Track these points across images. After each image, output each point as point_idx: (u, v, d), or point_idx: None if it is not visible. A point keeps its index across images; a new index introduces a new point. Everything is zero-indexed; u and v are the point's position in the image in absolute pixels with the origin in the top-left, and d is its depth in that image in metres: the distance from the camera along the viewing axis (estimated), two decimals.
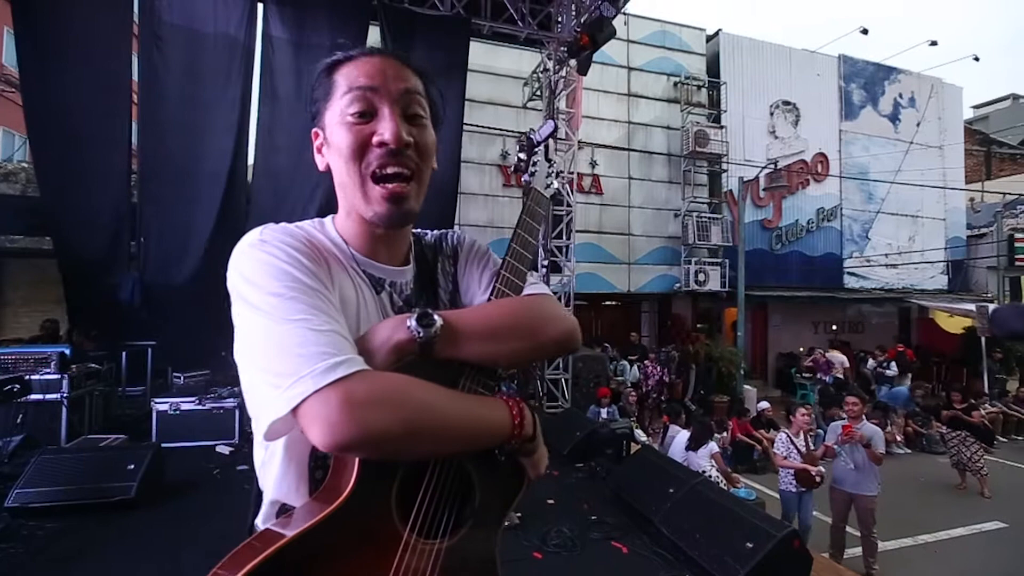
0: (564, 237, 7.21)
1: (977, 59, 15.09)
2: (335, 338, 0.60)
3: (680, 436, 5.01)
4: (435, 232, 0.94)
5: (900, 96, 13.51)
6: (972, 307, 10.28)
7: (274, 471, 0.69)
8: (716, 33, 11.85)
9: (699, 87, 11.49)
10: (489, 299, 0.80)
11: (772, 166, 10.62)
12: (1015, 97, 35.83)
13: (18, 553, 2.65)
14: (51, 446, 3.75)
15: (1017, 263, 12.72)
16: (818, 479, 4.38)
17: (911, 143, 13.34)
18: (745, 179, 10.52)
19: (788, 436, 4.70)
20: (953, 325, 11.67)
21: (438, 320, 0.67)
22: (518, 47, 8.16)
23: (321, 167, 0.77)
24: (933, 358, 12.32)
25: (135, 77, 5.36)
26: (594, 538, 3.09)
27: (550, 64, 6.98)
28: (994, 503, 5.81)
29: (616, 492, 3.65)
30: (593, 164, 10.66)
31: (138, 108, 5.38)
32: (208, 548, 2.32)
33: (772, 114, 12.08)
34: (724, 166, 11.33)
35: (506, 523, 2.57)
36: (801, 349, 12.12)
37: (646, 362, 9.08)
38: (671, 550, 2.88)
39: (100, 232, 5.15)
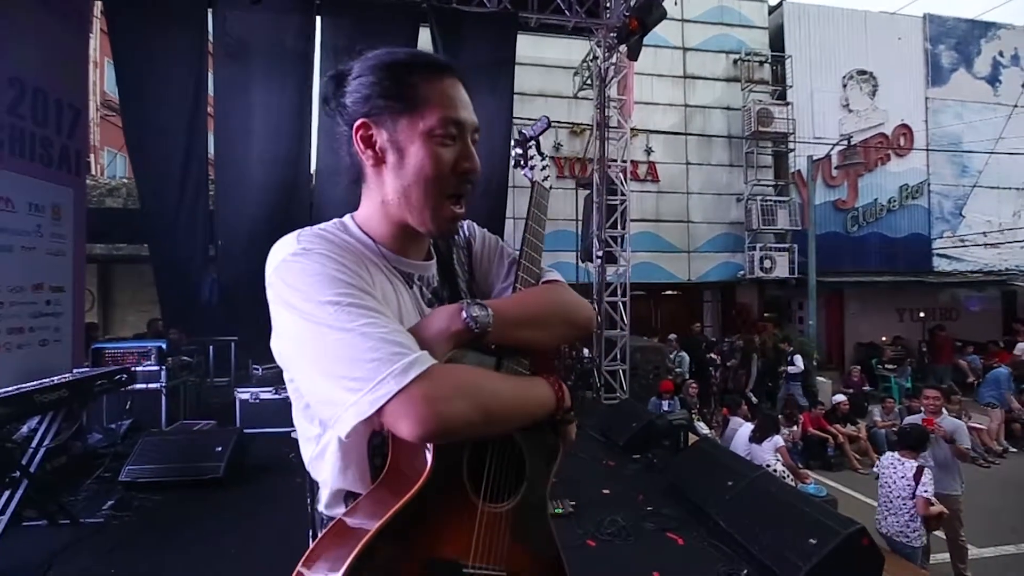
0: (619, 227, 7.09)
1: None
2: (401, 337, 0.64)
3: (743, 428, 4.84)
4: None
5: (1000, 55, 12.11)
6: None
7: (331, 463, 0.75)
8: (779, 3, 11.14)
9: (761, 63, 10.87)
10: (514, 288, 0.86)
11: (846, 142, 9.86)
12: None
13: (132, 520, 3.04)
14: (153, 429, 4.23)
15: None
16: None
17: (1015, 106, 11.92)
18: (815, 158, 9.85)
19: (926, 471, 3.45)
20: None
21: (490, 310, 0.73)
22: (567, 37, 8.07)
23: (369, 162, 0.78)
24: None
25: (211, 92, 5.86)
26: (649, 528, 3.07)
27: (599, 52, 6.86)
28: None
29: (672, 484, 3.59)
30: (648, 151, 10.39)
31: (214, 120, 5.86)
32: (281, 525, 2.54)
33: (845, 86, 11.21)
34: (791, 145, 10.69)
35: (559, 510, 2.62)
36: (884, 338, 11.24)
37: (710, 354, 8.78)
38: (729, 543, 2.81)
39: (185, 237, 5.68)
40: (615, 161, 7.19)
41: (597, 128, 7.08)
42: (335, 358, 0.63)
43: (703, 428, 6.50)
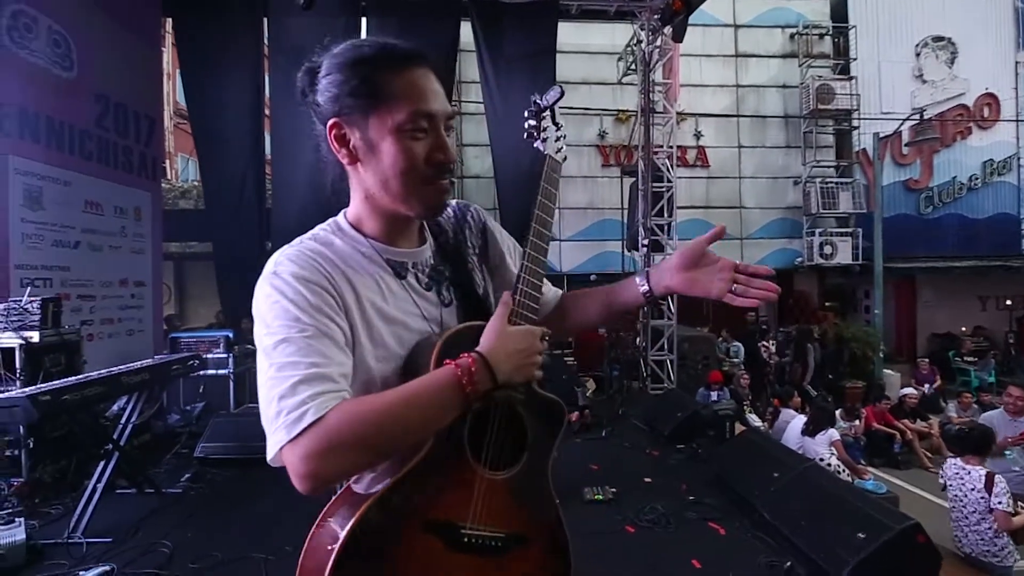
0: (665, 214, 6.94)
1: None
2: (313, 380, 0.66)
3: (795, 421, 4.67)
4: (450, 203, 0.98)
5: None
6: None
7: None
8: None
9: (822, 36, 10.22)
10: (522, 264, 0.87)
11: (918, 116, 9.13)
12: None
13: (206, 492, 3.36)
14: (222, 411, 4.60)
15: None
16: None
17: None
18: (882, 135, 9.18)
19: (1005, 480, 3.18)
20: None
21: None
22: (610, 22, 7.92)
23: (347, 163, 0.80)
24: None
25: (268, 96, 6.22)
26: (690, 517, 3.04)
27: (643, 35, 6.69)
28: None
29: (717, 474, 3.53)
30: (698, 135, 10.05)
31: (271, 122, 6.22)
32: (328, 498, 2.74)
33: (919, 55, 10.35)
34: (855, 123, 10.02)
35: (600, 496, 2.65)
36: (963, 329, 10.40)
37: (762, 344, 8.45)
38: (773, 535, 2.74)
39: (243, 235, 6.09)
40: (661, 147, 7.02)
41: (642, 114, 6.93)
42: (263, 388, 0.68)
43: (755, 420, 6.29)
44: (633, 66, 7.26)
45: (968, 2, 10.42)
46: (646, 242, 6.82)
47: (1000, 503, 3.01)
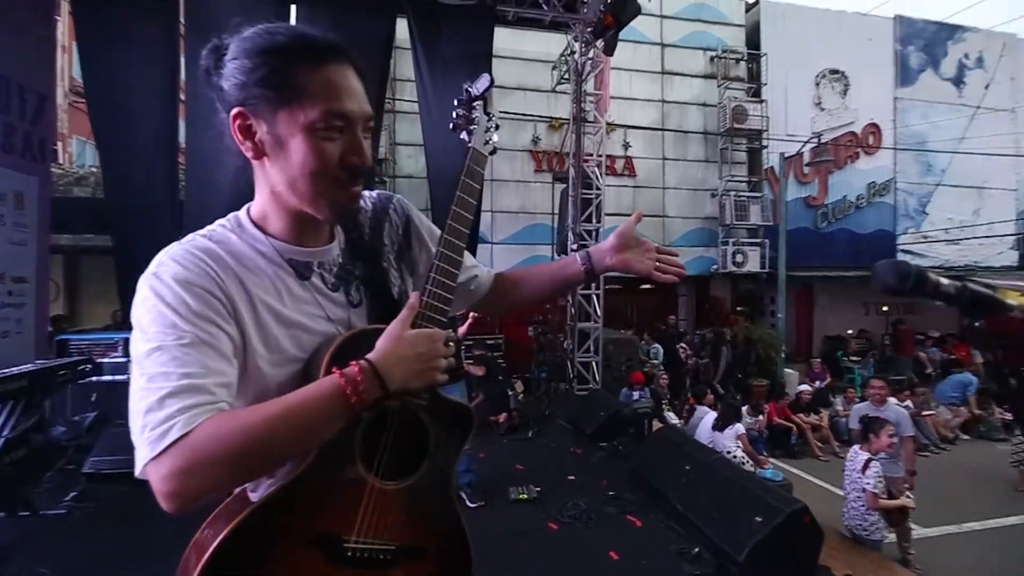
0: (594, 220, 7.20)
1: None
2: (184, 392, 0.62)
3: (707, 417, 5.01)
4: (369, 194, 0.94)
5: (965, 57, 12.49)
6: None
7: None
8: (756, 2, 11.31)
9: (738, 60, 11.05)
10: (433, 264, 0.84)
11: (817, 140, 10.12)
12: None
13: (93, 512, 3.07)
14: (119, 421, 4.20)
15: None
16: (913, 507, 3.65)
17: (978, 107, 12.35)
18: (787, 155, 10.09)
19: (881, 465, 3.58)
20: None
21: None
22: (545, 31, 8.11)
23: (252, 156, 0.75)
24: (1000, 339, 11.50)
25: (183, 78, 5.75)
26: (610, 512, 3.19)
27: (576, 46, 6.92)
28: None
29: (635, 469, 3.72)
30: (626, 146, 10.51)
31: (186, 109, 5.77)
32: None
33: (818, 84, 11.47)
34: (764, 142, 10.91)
35: (524, 495, 2.70)
36: (850, 331, 11.62)
37: (680, 345, 8.98)
38: (684, 524, 2.94)
39: (149, 230, 5.55)
40: (591, 155, 7.28)
41: (574, 122, 7.15)
42: (132, 398, 0.64)
43: (672, 418, 6.69)
44: (567, 75, 7.49)
45: (859, 41, 11.68)
46: (575, 247, 7.04)
47: (869, 484, 3.43)
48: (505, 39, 8.14)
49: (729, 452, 4.33)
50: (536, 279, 1.11)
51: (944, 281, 0.70)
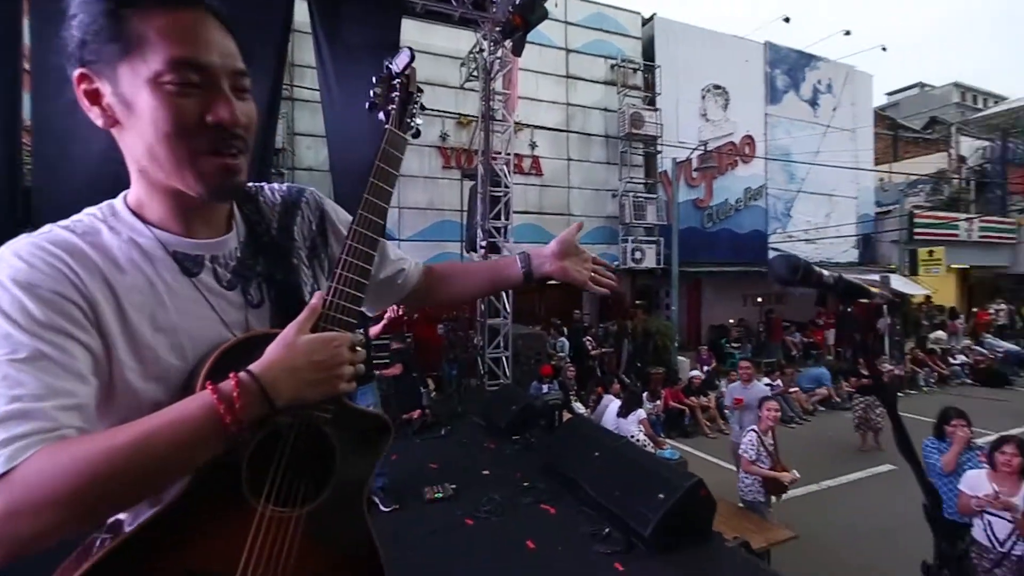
0: (502, 218, 7.30)
1: (884, 49, 16.32)
2: (12, 419, 0.52)
3: (612, 405, 5.31)
4: (278, 187, 0.87)
5: (819, 82, 14.38)
6: (876, 278, 11.32)
7: None
8: (651, 17, 12.13)
9: (635, 70, 11.77)
10: (340, 259, 0.75)
11: (703, 148, 11.11)
12: (921, 86, 38.94)
13: None
14: None
15: (916, 237, 14.08)
16: (791, 486, 3.94)
17: (828, 127, 14.28)
18: (678, 160, 10.96)
19: (758, 435, 4.03)
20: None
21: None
22: (454, 26, 8.06)
23: (104, 124, 0.65)
24: (847, 323, 13.52)
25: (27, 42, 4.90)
26: (524, 503, 3.27)
27: (485, 45, 6.96)
28: (887, 450, 6.52)
29: (547, 460, 3.85)
30: (533, 145, 10.76)
31: (31, 78, 4.94)
32: None
33: (704, 97, 12.57)
34: (659, 148, 11.72)
35: (440, 494, 2.65)
36: (731, 321, 12.92)
37: (587, 338, 9.42)
38: (595, 507, 3.10)
39: None
40: (499, 154, 7.37)
41: (482, 120, 7.19)
42: None
43: (580, 408, 7.00)
44: (475, 73, 7.49)
45: (737, 62, 12.98)
46: (484, 244, 7.10)
47: (743, 449, 3.94)
48: (413, 32, 7.95)
49: (633, 436, 4.64)
50: (470, 277, 1.09)
51: (825, 273, 0.81)
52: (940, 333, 12.52)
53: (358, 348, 0.69)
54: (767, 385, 8.45)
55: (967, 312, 14.99)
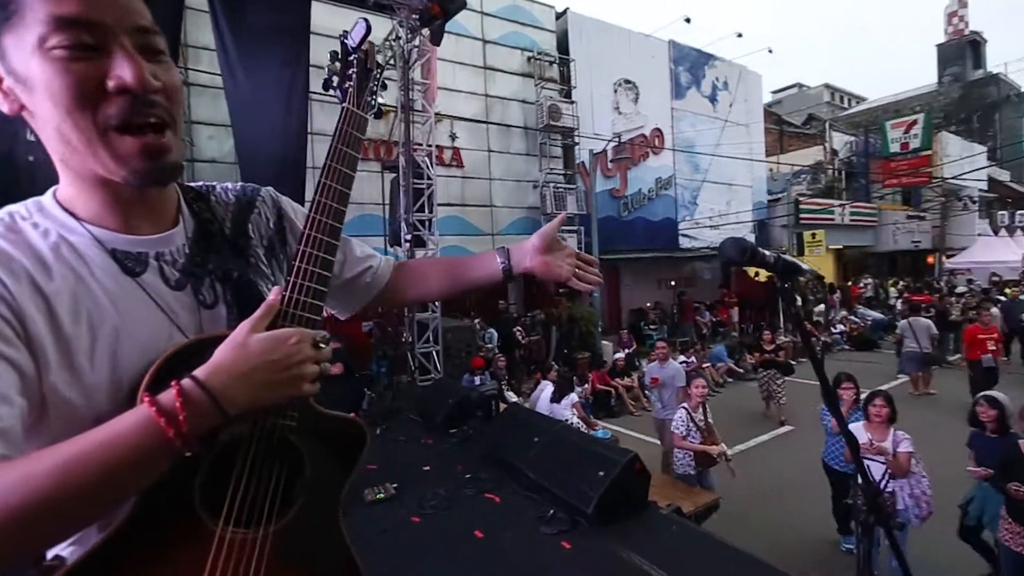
0: (426, 210, 7.19)
1: (771, 51, 17.88)
2: None
3: (546, 391, 5.46)
4: (231, 186, 0.82)
5: (717, 80, 15.52)
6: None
7: None
8: (564, 12, 12.41)
9: (551, 63, 12.00)
10: (299, 250, 0.70)
11: (617, 140, 11.61)
12: (800, 86, 43.26)
13: None
14: None
15: (801, 221, 15.73)
16: (719, 458, 4.12)
17: (726, 121, 15.48)
18: (595, 152, 11.37)
19: (687, 412, 4.24)
20: (761, 275, 14.09)
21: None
22: (366, 11, 7.74)
23: (9, 111, 0.58)
24: (748, 303, 14.87)
25: None
26: (468, 494, 3.27)
27: (402, 32, 6.77)
28: (786, 412, 7.27)
29: (487, 450, 3.88)
30: (453, 137, 10.65)
31: None
32: None
33: (616, 91, 13.11)
34: (576, 139, 12.08)
35: (381, 495, 2.57)
36: (648, 304, 13.70)
37: (517, 328, 9.56)
38: (538, 491, 3.17)
39: None
40: (420, 145, 7.24)
41: (402, 111, 7.00)
42: None
43: (512, 397, 7.11)
44: (392, 61, 7.26)
45: (644, 58, 13.67)
46: (408, 237, 6.96)
47: (674, 426, 4.21)
48: (322, 15, 7.54)
49: (567, 420, 4.80)
50: (446, 274, 1.04)
51: (766, 253, 0.89)
52: (821, 307, 14.14)
53: (322, 345, 0.62)
54: (683, 363, 9.14)
55: (842, 287, 17.01)
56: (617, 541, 2.56)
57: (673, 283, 15.04)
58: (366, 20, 0.84)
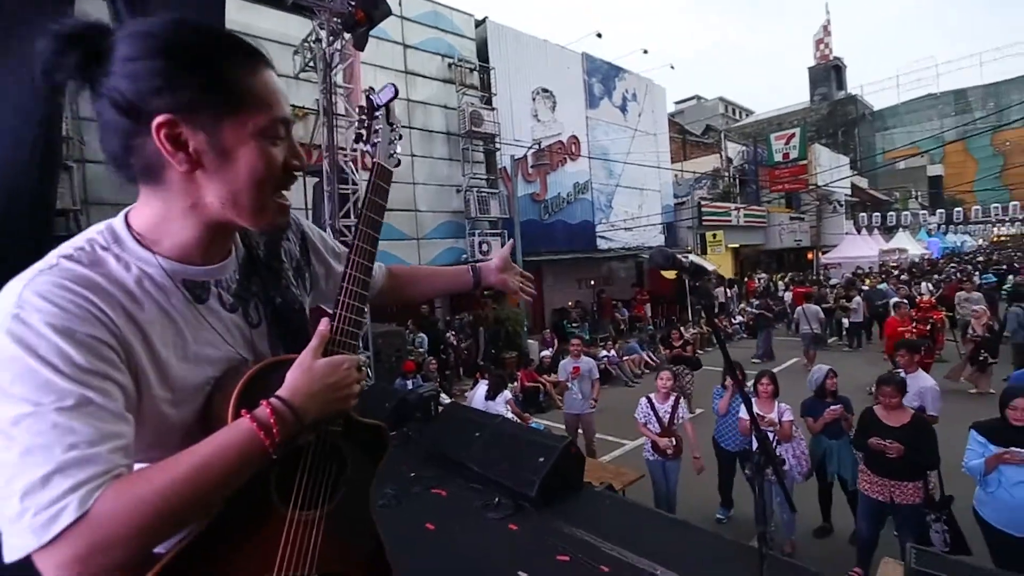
0: (352, 216, 7.11)
1: (673, 67, 19.43)
2: (73, 467, 0.55)
3: (480, 390, 5.64)
4: None
5: (626, 91, 16.57)
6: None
7: None
8: (483, 20, 12.68)
9: (471, 70, 12.20)
10: (342, 287, 0.83)
11: (537, 146, 12.07)
12: (698, 98, 46.96)
13: None
14: None
15: (704, 223, 17.23)
16: (669, 452, 4.23)
17: (635, 130, 16.57)
18: (516, 157, 11.74)
19: (650, 401, 4.44)
20: (670, 273, 15.24)
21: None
22: (284, 11, 7.48)
23: (183, 167, 0.66)
24: (659, 299, 16.04)
25: None
26: (415, 491, 3.39)
27: (323, 35, 6.65)
28: (695, 401, 7.99)
29: (430, 448, 4.01)
30: None
31: None
32: None
33: (534, 99, 13.60)
34: (497, 145, 12.38)
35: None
36: (570, 303, 14.34)
37: (449, 332, 9.66)
38: (483, 483, 3.36)
39: None
40: (344, 149, 7.15)
41: (324, 114, 6.88)
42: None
43: (445, 399, 7.22)
44: (311, 63, 7.10)
45: (560, 68, 14.28)
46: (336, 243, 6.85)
47: (636, 413, 4.52)
48: (231, 10, 7.20)
49: (500, 416, 5.02)
50: (429, 281, 1.26)
51: (684, 258, 1.17)
52: (720, 290, 15.59)
53: (363, 367, 0.79)
54: (604, 356, 9.76)
55: (740, 281, 18.85)
56: (560, 519, 2.82)
57: (592, 282, 15.84)
58: (395, 86, 0.97)
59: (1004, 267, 19.02)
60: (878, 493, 3.44)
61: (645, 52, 17.94)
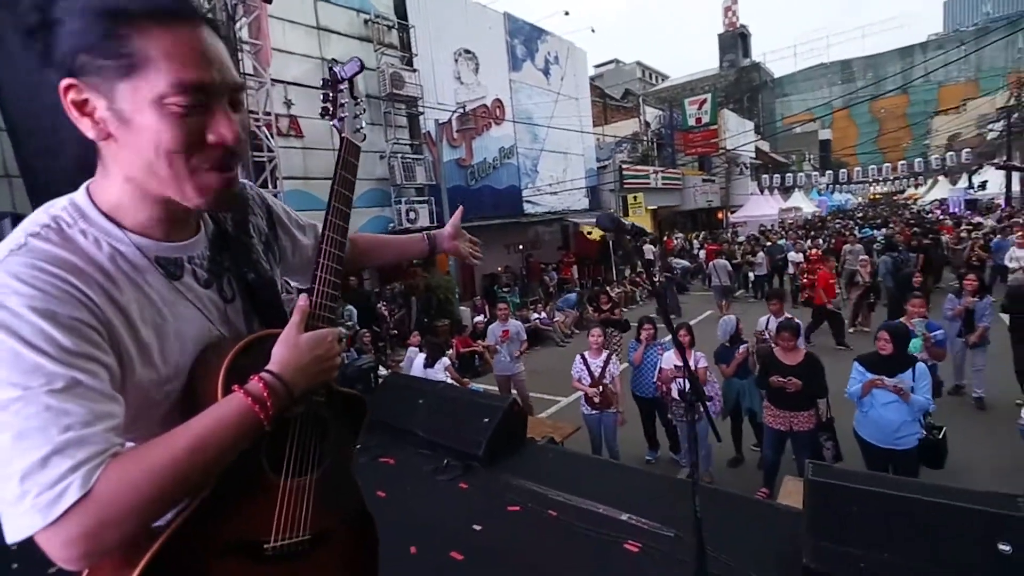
0: (270, 185, 6.70)
1: (593, 31, 19.55)
2: (71, 448, 0.55)
3: (418, 358, 5.67)
4: None
5: (549, 54, 16.50)
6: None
7: None
8: None
9: (389, 27, 11.58)
10: (318, 262, 0.84)
11: (461, 109, 11.81)
12: (616, 62, 47.63)
13: None
14: None
15: (625, 186, 17.87)
16: (596, 400, 4.44)
17: (558, 94, 16.64)
18: (440, 122, 11.44)
19: (583, 357, 4.63)
20: (595, 235, 15.79)
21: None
22: None
23: (95, 136, 0.64)
24: (585, 260, 16.62)
25: None
26: (363, 461, 3.42)
27: None
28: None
29: (374, 419, 4.02)
30: (288, 104, 9.80)
31: None
32: None
33: (457, 61, 13.20)
34: (420, 109, 11.98)
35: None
36: (500, 269, 14.50)
37: (381, 303, 9.47)
38: (431, 447, 3.45)
39: None
40: (256, 113, 6.64)
41: None
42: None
43: (383, 371, 7.18)
44: (211, 14, 6.41)
45: (482, 28, 13.90)
46: None
47: (572, 368, 4.72)
48: None
49: (442, 382, 5.10)
50: (385, 250, 1.27)
51: (626, 222, 1.28)
52: (649, 257, 16.46)
53: (342, 339, 0.85)
54: (535, 318, 10.06)
55: (659, 241, 19.91)
56: (507, 473, 2.99)
57: (520, 247, 16.06)
58: (360, 60, 0.95)
59: (879, 221, 21.72)
60: (780, 424, 3.96)
61: (567, 14, 17.89)
